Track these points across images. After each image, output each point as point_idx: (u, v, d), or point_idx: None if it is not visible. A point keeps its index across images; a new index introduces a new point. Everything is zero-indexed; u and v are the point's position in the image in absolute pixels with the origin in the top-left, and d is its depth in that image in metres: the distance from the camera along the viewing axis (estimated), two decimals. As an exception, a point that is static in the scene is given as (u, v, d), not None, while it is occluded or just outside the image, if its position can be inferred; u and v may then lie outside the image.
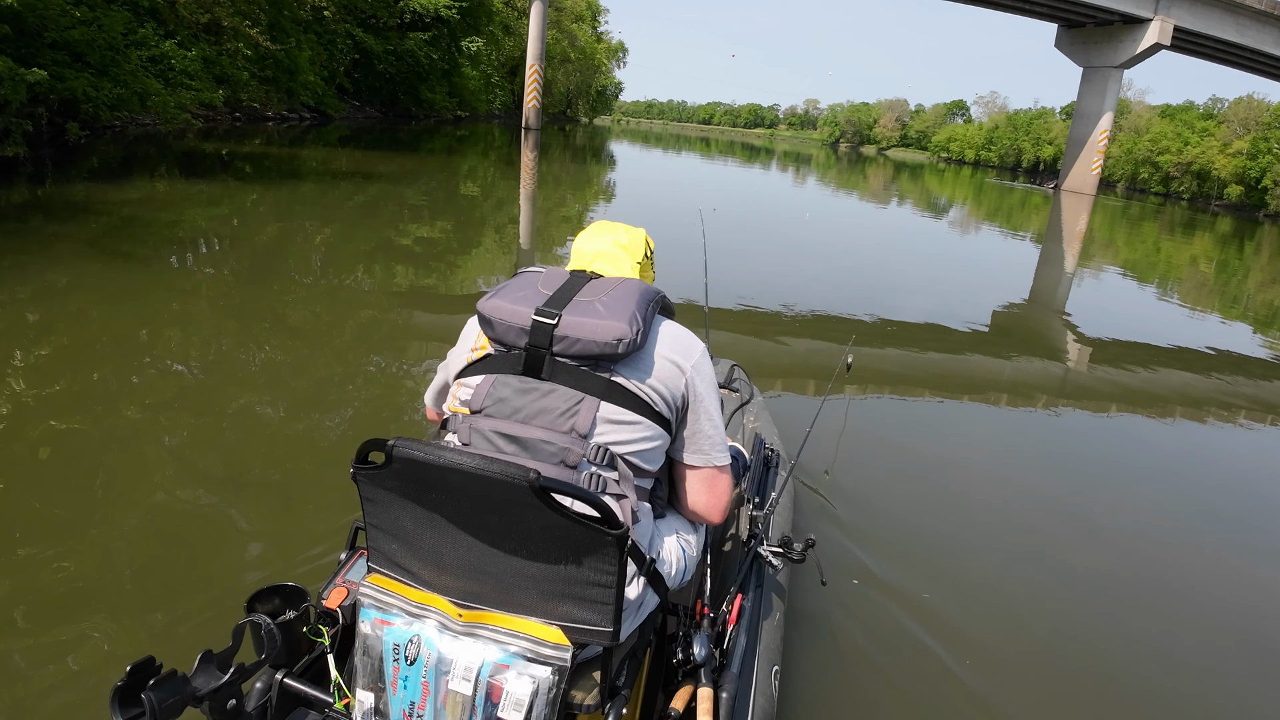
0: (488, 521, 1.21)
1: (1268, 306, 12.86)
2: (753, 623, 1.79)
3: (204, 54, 18.72)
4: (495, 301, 1.42)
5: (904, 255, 13.27)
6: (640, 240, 1.71)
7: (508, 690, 1.20)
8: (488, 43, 42.24)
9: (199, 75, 17.95)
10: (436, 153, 21.31)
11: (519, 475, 1.10)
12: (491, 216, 11.57)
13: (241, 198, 10.04)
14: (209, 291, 5.80)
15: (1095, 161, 40.98)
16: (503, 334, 1.40)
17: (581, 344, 1.35)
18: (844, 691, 2.28)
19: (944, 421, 5.06)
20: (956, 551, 3.24)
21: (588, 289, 1.44)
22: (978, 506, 3.76)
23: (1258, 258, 22.28)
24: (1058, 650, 2.66)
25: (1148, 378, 6.61)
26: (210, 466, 3.13)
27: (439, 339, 5.18)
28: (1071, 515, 3.81)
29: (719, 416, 1.53)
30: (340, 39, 27.50)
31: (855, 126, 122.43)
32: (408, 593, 1.29)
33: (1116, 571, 3.31)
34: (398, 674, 1.25)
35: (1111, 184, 62.71)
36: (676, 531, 1.57)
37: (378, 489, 1.26)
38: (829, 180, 33.78)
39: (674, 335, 1.48)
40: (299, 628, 1.41)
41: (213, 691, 1.24)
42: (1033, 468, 4.45)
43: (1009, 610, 2.88)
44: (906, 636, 2.56)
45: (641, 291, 1.44)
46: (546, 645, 1.22)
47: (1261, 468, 5.11)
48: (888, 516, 3.41)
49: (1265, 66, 41.35)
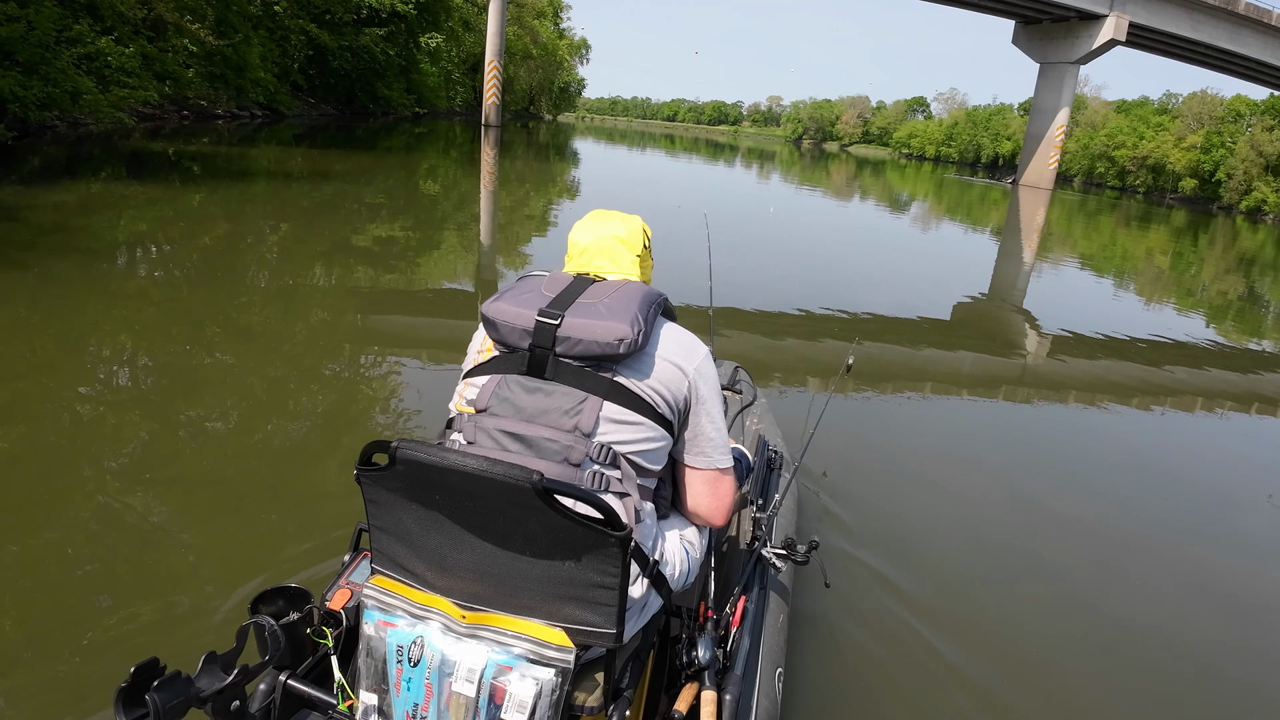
0: (491, 523, 1.20)
1: (1221, 297, 13.08)
2: (756, 624, 1.79)
3: (143, 50, 18.04)
4: (499, 304, 1.44)
5: (870, 250, 13.24)
6: (637, 231, 1.67)
7: (511, 692, 1.20)
8: (448, 39, 41.69)
9: (137, 73, 17.25)
10: (395, 150, 20.91)
11: (522, 477, 1.10)
12: (452, 215, 11.31)
13: (187, 198, 9.67)
14: (159, 296, 5.50)
15: (1052, 156, 41.60)
16: (506, 335, 1.42)
17: (584, 344, 1.35)
18: (847, 693, 2.28)
19: (945, 418, 5.05)
20: (958, 551, 3.23)
21: (590, 291, 1.45)
22: (978, 505, 3.75)
23: (1211, 250, 22.73)
24: (1062, 649, 2.65)
25: (1110, 367, 6.60)
26: (209, 466, 3.13)
27: (407, 342, 5.09)
28: (1075, 512, 3.81)
29: (721, 419, 1.53)
30: (294, 35, 26.83)
31: (818, 123, 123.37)
32: (411, 594, 1.29)
33: (1122, 569, 3.30)
34: (401, 675, 1.25)
35: (1069, 178, 63.89)
36: (680, 533, 1.57)
37: (381, 490, 1.25)
38: (792, 176, 33.83)
39: (676, 338, 1.48)
40: (303, 629, 1.42)
41: (217, 693, 1.24)
42: (1033, 465, 4.43)
43: (1011, 610, 2.87)
44: (909, 638, 2.55)
45: (643, 294, 1.45)
46: (550, 647, 1.21)
47: (1216, 454, 5.17)
48: (889, 517, 3.39)
49: (1219, 61, 42.26)
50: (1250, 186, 48.99)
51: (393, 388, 4.35)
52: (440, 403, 4.23)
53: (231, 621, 2.14)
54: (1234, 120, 52.89)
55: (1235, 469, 4.92)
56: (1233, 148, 50.97)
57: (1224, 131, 52.40)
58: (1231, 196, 50.11)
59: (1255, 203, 48.29)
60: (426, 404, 4.03)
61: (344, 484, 3.00)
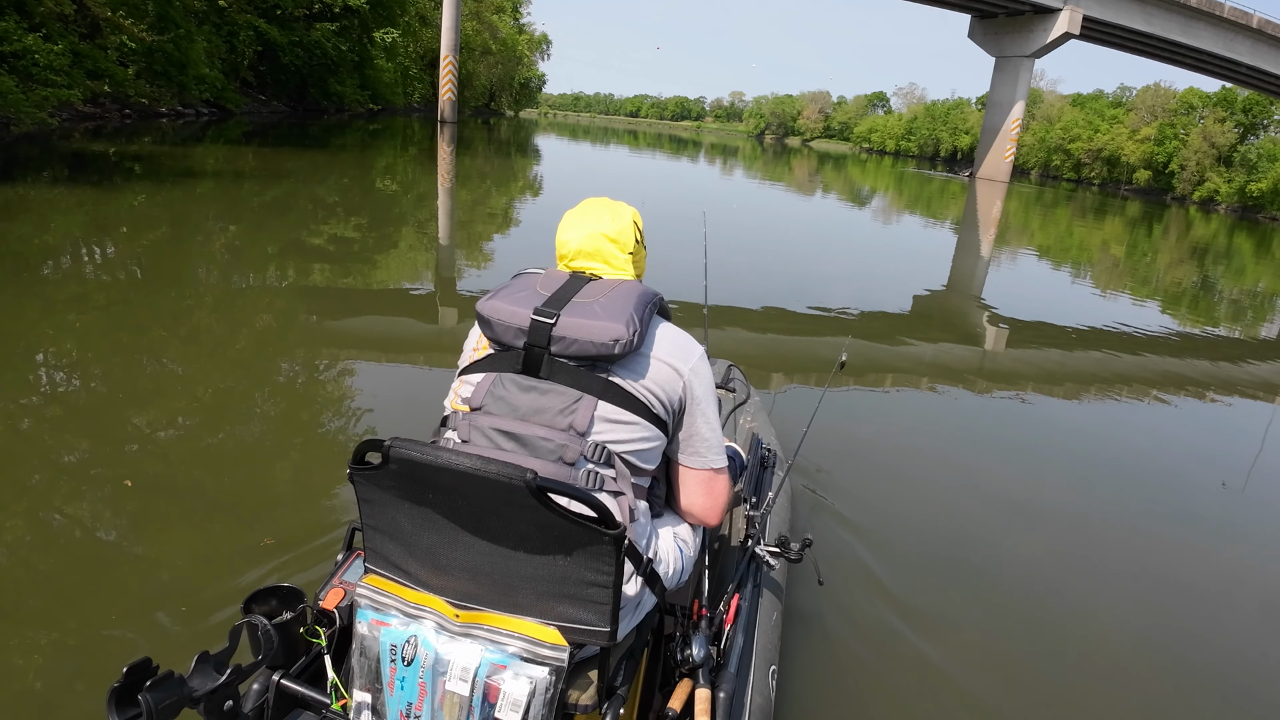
0: (485, 522, 1.20)
1: (1176, 286, 13.23)
2: (750, 622, 1.79)
3: (74, 48, 17.25)
4: (494, 302, 1.42)
5: (836, 245, 13.15)
6: (628, 226, 1.61)
7: (505, 691, 1.20)
8: (404, 34, 40.98)
9: (67, 71, 16.46)
10: (349, 148, 20.43)
11: (516, 475, 1.10)
12: (408, 214, 10.99)
13: (128, 199, 9.25)
14: (102, 300, 5.17)
15: (1008, 149, 42.14)
16: (501, 334, 1.41)
17: (579, 344, 1.35)
18: (841, 690, 2.28)
19: (945, 415, 5.05)
20: (954, 549, 3.21)
21: (586, 290, 1.44)
22: (975, 501, 3.73)
23: (1166, 239, 23.11)
24: (1055, 648, 2.64)
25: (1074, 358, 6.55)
26: (208, 468, 3.13)
27: (365, 343, 4.98)
28: (1066, 505, 3.84)
29: (716, 420, 1.53)
30: (242, 30, 26.05)
31: (780, 118, 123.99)
32: (405, 593, 1.29)
33: (1122, 570, 3.28)
34: (395, 675, 1.25)
35: (1025, 171, 64.89)
36: (674, 531, 1.56)
37: (375, 489, 1.25)
38: (755, 172, 33.78)
39: (671, 338, 1.48)
40: (296, 629, 1.41)
41: (210, 692, 1.24)
42: (1032, 461, 4.40)
43: (1008, 607, 2.85)
44: (903, 635, 2.55)
45: (639, 294, 1.43)
46: (544, 645, 1.21)
47: (1173, 438, 5.24)
48: (881, 513, 3.37)
49: (1172, 54, 43.08)
50: (1203, 177, 50.16)
51: (354, 388, 4.25)
52: (403, 401, 4.13)
53: (224, 621, 2.15)
54: (1186, 112, 54.11)
55: (1193, 455, 4.94)
56: (1185, 139, 52.17)
57: (1177, 124, 53.58)
58: (1185, 187, 51.26)
59: (1208, 193, 49.45)
60: (390, 403, 4.03)
61: (326, 485, 3.05)
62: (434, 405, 1.57)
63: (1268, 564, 3.54)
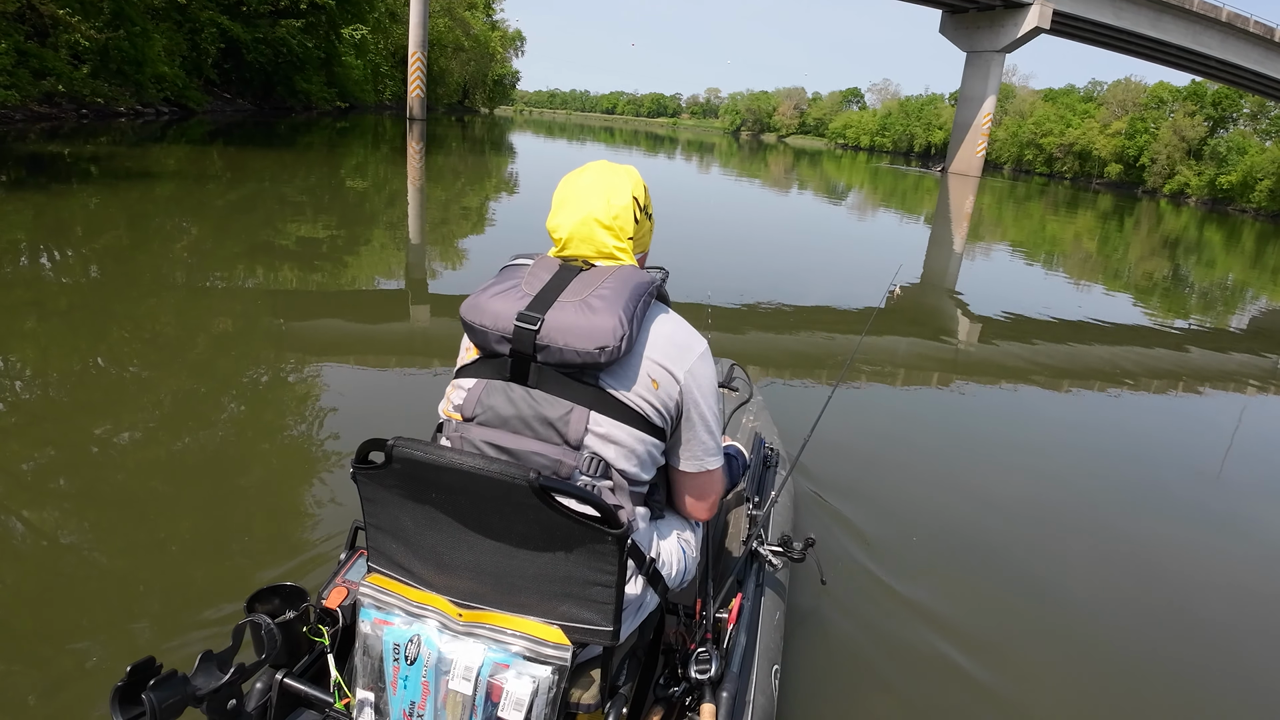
0: (488, 521, 1.20)
1: (1147, 278, 13.30)
2: (752, 622, 1.79)
3: (19, 46, 16.65)
4: (476, 303, 1.33)
5: (812, 240, 13.02)
6: (627, 206, 1.44)
7: (508, 690, 1.19)
8: (374, 30, 40.42)
9: (10, 70, 15.90)
10: (315, 147, 20.06)
11: (519, 475, 1.10)
12: (379, 213, 10.74)
13: (83, 201, 8.93)
14: (63, 305, 4.97)
15: (980, 144, 42.36)
16: (484, 341, 1.33)
17: (563, 353, 1.26)
18: (844, 690, 2.26)
19: (945, 412, 5.07)
20: (954, 546, 3.20)
21: (574, 286, 1.32)
22: (974, 498, 3.71)
23: (1137, 232, 23.26)
24: (1063, 645, 2.63)
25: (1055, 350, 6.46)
26: (207, 467, 3.16)
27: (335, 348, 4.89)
28: (1061, 499, 3.86)
29: (717, 421, 1.45)
30: (205, 28, 25.45)
31: (756, 114, 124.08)
32: (407, 592, 1.28)
33: (1129, 565, 3.29)
34: (398, 674, 1.24)
35: (998, 166, 65.40)
36: (675, 533, 1.53)
37: (377, 489, 1.24)
38: (732, 168, 33.67)
39: (669, 335, 1.37)
40: (299, 628, 1.40)
41: (213, 691, 1.23)
42: (1030, 458, 4.39)
43: (1011, 605, 2.84)
44: (906, 634, 2.53)
45: (632, 288, 1.31)
46: (547, 645, 1.20)
47: (1146, 429, 5.27)
48: (883, 512, 3.35)
49: (1141, 48, 43.42)
50: (1173, 170, 50.77)
51: (325, 388, 4.18)
52: (376, 404, 4.10)
53: (227, 620, 2.14)
54: (1157, 106, 54.73)
55: (1170, 443, 5.03)
56: (1156, 133, 52.78)
57: (1147, 118, 54.20)
58: (1155, 180, 51.85)
59: (1178, 186, 50.04)
60: (361, 404, 4.02)
61: (298, 486, 3.07)
62: (406, 404, 1.54)
63: (1243, 548, 3.59)
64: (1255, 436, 5.39)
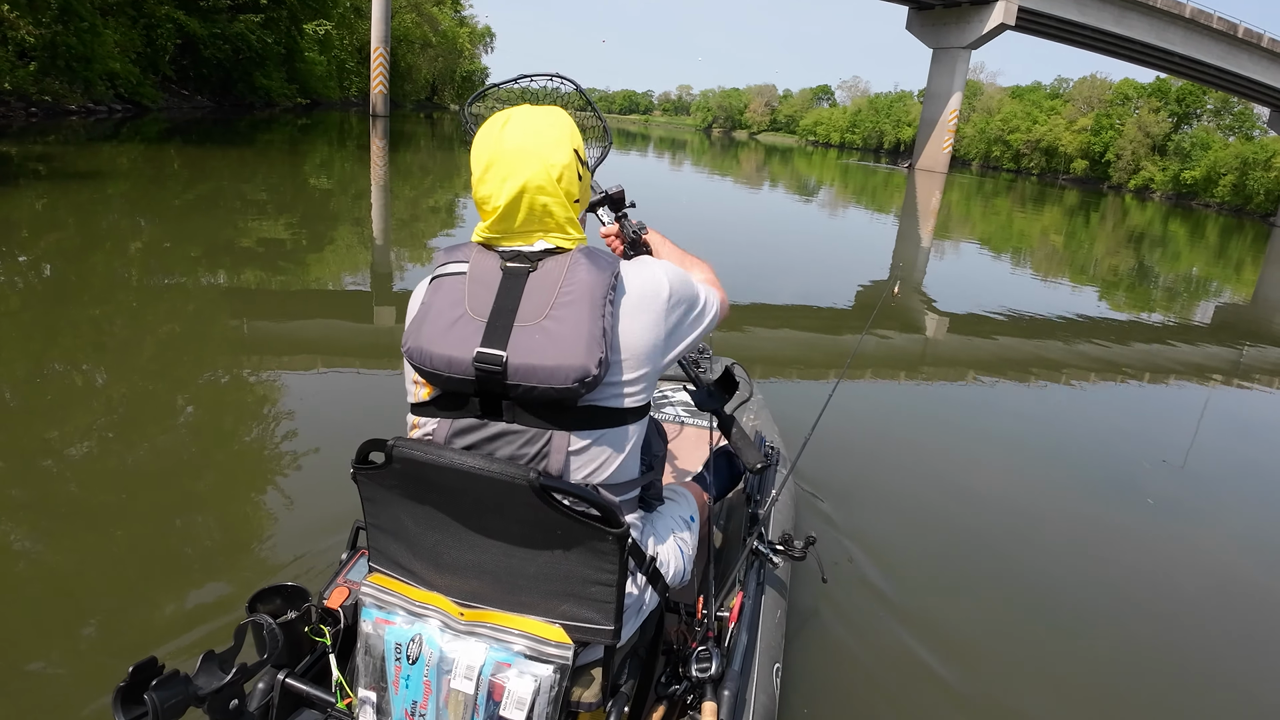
0: (489, 521, 1.20)
1: (1112, 273, 13.36)
2: (753, 620, 1.78)
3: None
4: (420, 343, 1.20)
5: (795, 237, 12.87)
6: (569, 164, 1.27)
7: (510, 689, 1.19)
8: (338, 26, 39.72)
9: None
10: (276, 145, 19.62)
11: (520, 475, 1.10)
12: (343, 212, 10.52)
13: (29, 202, 8.58)
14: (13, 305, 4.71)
15: (946, 140, 42.57)
16: (445, 385, 1.22)
17: (539, 391, 1.16)
18: (845, 688, 2.27)
19: (946, 411, 5.08)
20: (954, 545, 3.22)
21: (528, 298, 1.19)
22: (974, 497, 3.73)
23: (1103, 227, 23.47)
24: (1057, 646, 2.64)
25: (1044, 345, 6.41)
26: (207, 468, 3.20)
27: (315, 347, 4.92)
28: (1058, 496, 3.87)
29: (698, 302, 1.38)
30: (162, 23, 24.75)
31: (727, 111, 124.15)
32: (409, 592, 1.27)
33: (1122, 561, 3.31)
34: (400, 673, 1.24)
35: (967, 162, 65.95)
36: (672, 533, 1.54)
37: (378, 489, 1.24)
38: (704, 165, 33.57)
39: (636, 304, 1.24)
40: (301, 628, 1.40)
41: (215, 692, 1.23)
42: (1031, 456, 4.41)
43: (1010, 603, 2.85)
44: (907, 632, 2.54)
45: (592, 290, 1.18)
46: (548, 644, 1.20)
47: (1114, 421, 5.30)
48: (882, 511, 3.36)
49: (1105, 44, 43.80)
50: (1138, 166, 51.53)
51: (287, 393, 4.15)
52: (347, 405, 4.05)
53: (229, 621, 2.14)
54: (1122, 103, 55.49)
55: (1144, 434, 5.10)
56: (1121, 129, 53.51)
57: (1113, 114, 54.94)
58: (1121, 176, 52.58)
59: (1143, 181, 50.79)
60: (339, 407, 4.00)
61: (260, 490, 3.07)
62: (374, 404, 1.44)
63: (1209, 536, 3.66)
64: (1218, 429, 5.45)
